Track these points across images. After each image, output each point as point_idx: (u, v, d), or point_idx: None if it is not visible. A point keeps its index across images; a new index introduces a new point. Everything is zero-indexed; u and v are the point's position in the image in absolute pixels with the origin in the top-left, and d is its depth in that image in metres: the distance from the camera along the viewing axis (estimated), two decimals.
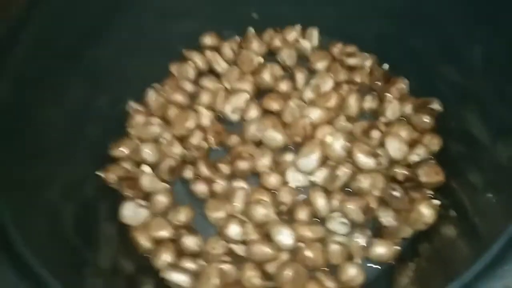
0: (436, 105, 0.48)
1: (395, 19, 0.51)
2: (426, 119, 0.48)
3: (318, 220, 0.47)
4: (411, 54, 0.53)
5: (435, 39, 0.48)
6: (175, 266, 0.44)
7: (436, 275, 0.37)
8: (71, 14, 0.45)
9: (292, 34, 0.57)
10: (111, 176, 0.49)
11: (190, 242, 0.45)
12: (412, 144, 0.48)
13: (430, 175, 0.45)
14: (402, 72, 0.53)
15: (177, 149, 0.51)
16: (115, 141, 0.52)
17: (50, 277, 0.35)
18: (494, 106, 0.42)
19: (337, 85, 0.53)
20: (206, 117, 0.52)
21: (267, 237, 0.45)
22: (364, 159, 0.45)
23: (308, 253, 0.43)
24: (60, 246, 0.42)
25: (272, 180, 0.48)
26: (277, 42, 0.56)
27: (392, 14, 0.51)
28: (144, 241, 0.47)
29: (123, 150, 0.51)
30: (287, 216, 0.46)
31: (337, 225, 0.44)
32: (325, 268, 0.44)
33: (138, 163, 0.52)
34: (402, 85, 0.52)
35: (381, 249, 0.43)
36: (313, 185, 0.47)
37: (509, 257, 0.27)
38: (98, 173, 0.50)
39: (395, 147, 0.46)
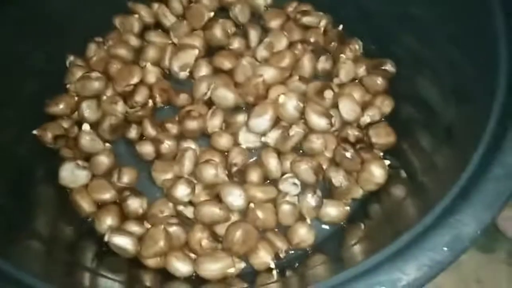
0: (389, 66, 0.48)
1: None
2: (379, 80, 0.48)
3: (269, 182, 0.46)
4: (366, 16, 0.52)
5: (393, 2, 0.48)
6: (119, 230, 0.42)
7: (385, 233, 0.37)
8: None
9: None
10: (48, 135, 0.45)
11: (135, 204, 0.43)
12: (364, 106, 0.47)
13: (381, 136, 0.45)
14: (356, 34, 0.53)
15: (119, 107, 0.47)
16: (52, 98, 0.48)
17: None
18: (445, 70, 0.42)
19: (291, 45, 0.51)
20: (152, 73, 0.49)
21: (217, 199, 0.43)
22: (316, 120, 0.44)
23: (259, 214, 0.42)
24: None
25: (223, 140, 0.46)
26: None
27: None
28: (85, 205, 0.44)
29: (61, 107, 0.47)
30: (238, 178, 0.45)
31: (289, 186, 0.44)
32: (276, 229, 0.43)
33: (78, 122, 0.48)
34: (356, 46, 0.51)
35: (332, 210, 0.43)
36: (265, 146, 0.46)
37: (460, 208, 0.27)
38: (34, 132, 0.45)
39: (347, 108, 0.45)
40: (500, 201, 0.26)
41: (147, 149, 0.46)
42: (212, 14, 0.52)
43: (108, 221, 0.43)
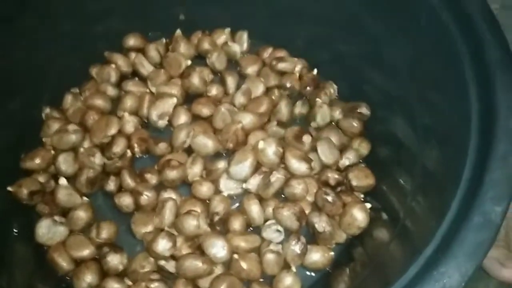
0: (364, 109, 0.49)
1: (324, 23, 0.51)
2: (355, 123, 0.49)
3: (252, 229, 0.45)
4: (340, 59, 0.53)
5: (363, 43, 0.49)
6: None
7: (371, 280, 0.37)
8: None
9: (222, 37, 0.56)
10: (23, 191, 0.44)
11: (115, 261, 0.42)
12: (342, 149, 0.48)
13: (361, 178, 0.45)
14: (331, 76, 0.54)
15: (97, 159, 0.47)
16: (27, 151, 0.47)
17: None
18: (419, 111, 0.43)
19: (268, 90, 0.52)
20: (129, 123, 0.49)
21: (199, 250, 0.43)
22: (296, 164, 0.45)
23: (243, 265, 0.41)
24: None
25: (204, 189, 0.46)
26: (206, 45, 0.54)
27: (321, 20, 0.51)
28: (63, 262, 0.42)
29: (37, 161, 0.46)
30: (221, 226, 0.44)
31: (272, 233, 0.43)
32: (261, 279, 0.42)
33: (54, 176, 0.47)
34: (331, 90, 0.52)
35: (316, 256, 0.43)
36: (246, 192, 0.46)
37: (443, 260, 0.27)
38: (8, 188, 0.44)
39: (326, 152, 0.46)
40: (483, 251, 0.27)
41: (126, 201, 0.45)
42: (189, 62, 0.53)
43: (87, 279, 0.41)
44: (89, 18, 0.51)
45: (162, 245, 0.41)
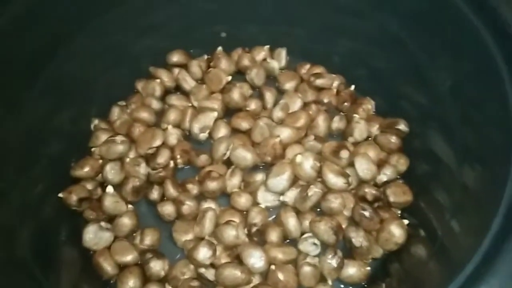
0: (402, 126, 0.49)
1: (362, 41, 0.52)
2: (393, 139, 0.49)
3: (289, 241, 0.46)
4: (378, 75, 0.54)
5: (401, 61, 0.50)
6: None
7: None
8: (32, 23, 0.43)
9: (261, 54, 0.57)
10: (73, 198, 0.46)
11: (157, 267, 0.43)
12: (379, 164, 0.48)
13: (398, 194, 0.46)
14: (368, 93, 0.55)
15: (142, 169, 0.49)
16: (77, 160, 0.50)
17: None
18: (459, 130, 0.43)
19: (305, 105, 0.53)
20: (173, 135, 0.51)
21: (237, 259, 0.44)
22: (333, 179, 0.45)
23: (280, 276, 0.42)
24: (16, 272, 0.39)
25: (242, 200, 0.47)
26: (245, 62, 0.56)
27: (359, 36, 0.52)
28: (108, 267, 0.44)
29: (86, 170, 0.49)
30: (258, 237, 0.45)
31: (308, 246, 0.44)
32: None
33: (101, 184, 0.50)
34: (369, 106, 0.53)
35: (352, 270, 0.43)
36: (283, 205, 0.47)
37: (485, 278, 0.27)
38: (59, 195, 0.47)
39: (363, 167, 0.46)
40: None
41: (168, 209, 0.47)
42: (229, 78, 0.55)
43: (130, 283, 0.43)
44: (136, 35, 0.54)
45: (203, 253, 0.42)
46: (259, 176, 0.48)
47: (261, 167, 0.50)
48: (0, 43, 0.41)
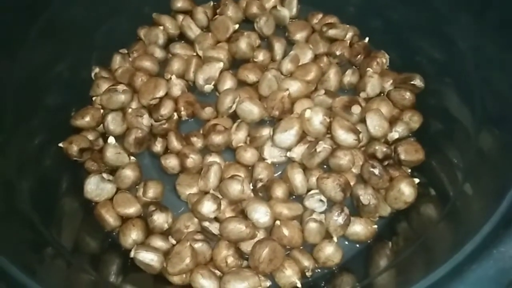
0: (418, 81, 0.47)
1: None
2: (407, 95, 0.47)
3: (295, 198, 0.45)
4: (393, 27, 0.51)
5: (420, 14, 0.47)
6: (144, 245, 0.41)
7: (416, 256, 0.36)
8: None
9: (271, 1, 0.54)
10: (74, 148, 0.45)
11: (161, 220, 0.43)
12: (391, 121, 0.46)
13: (410, 152, 0.44)
14: (382, 46, 0.52)
15: (145, 120, 0.47)
16: (77, 110, 0.48)
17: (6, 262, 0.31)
18: (478, 91, 0.40)
19: (316, 58, 0.51)
20: (177, 86, 0.49)
21: (241, 214, 0.43)
22: (344, 135, 0.43)
23: (285, 232, 0.41)
24: (16, 224, 0.38)
25: (248, 155, 0.45)
26: (254, 9, 0.53)
27: None
28: (110, 219, 0.44)
29: (87, 120, 0.47)
30: (263, 193, 0.44)
31: (315, 202, 0.43)
32: (301, 247, 0.42)
33: (103, 134, 0.48)
34: (383, 59, 0.50)
35: (359, 228, 0.42)
36: (290, 161, 0.45)
37: (504, 239, 0.26)
38: (60, 145, 0.46)
39: (375, 124, 0.45)
40: None
41: (172, 162, 0.46)
42: (237, 26, 0.52)
43: (133, 235, 0.43)
44: None
45: (208, 207, 0.41)
46: (266, 131, 0.46)
47: (268, 122, 0.49)
48: None
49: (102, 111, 0.48)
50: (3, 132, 0.41)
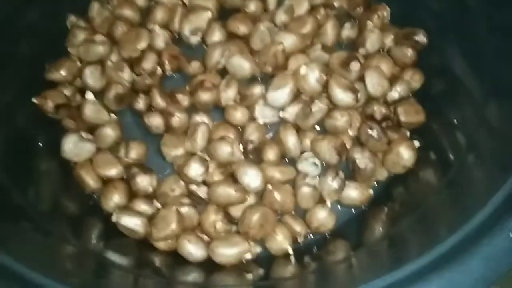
0: (421, 37, 0.43)
1: None
2: (409, 52, 0.44)
3: (287, 160, 0.43)
4: None
5: None
6: (127, 209, 0.39)
7: (414, 224, 0.35)
8: None
9: None
10: (48, 104, 0.42)
11: (144, 182, 0.40)
12: (391, 80, 0.43)
13: (410, 114, 0.42)
14: None
15: (126, 74, 0.44)
16: (52, 62, 0.44)
17: None
18: (491, 60, 0.37)
19: (313, 9, 0.47)
20: (160, 37, 0.45)
21: (231, 177, 0.41)
22: (341, 94, 0.41)
23: (277, 196, 0.39)
24: None
25: (238, 115, 0.43)
26: None
27: None
28: (90, 180, 0.41)
29: (62, 73, 0.43)
30: (254, 155, 0.42)
31: (308, 166, 0.41)
32: (293, 212, 0.41)
33: (80, 89, 0.45)
34: (384, 13, 0.46)
35: (354, 193, 0.40)
36: (283, 121, 0.43)
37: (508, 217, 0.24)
38: (33, 100, 0.42)
39: (374, 82, 0.42)
40: None
41: (156, 121, 0.43)
42: None
43: (115, 198, 0.40)
44: None
45: (195, 169, 0.39)
46: (258, 89, 0.43)
47: (259, 79, 0.45)
48: None
49: (79, 63, 0.44)
50: None
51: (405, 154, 0.39)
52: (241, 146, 0.42)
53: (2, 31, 0.41)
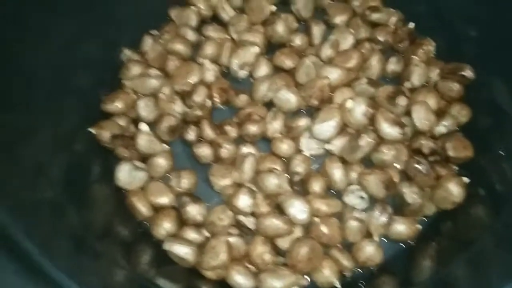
0: (468, 72, 0.44)
1: None
2: (455, 87, 0.44)
3: (334, 193, 0.43)
4: (439, 12, 0.47)
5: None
6: (177, 237, 0.40)
7: (463, 261, 0.34)
8: None
9: None
10: (104, 133, 0.44)
11: (194, 211, 0.41)
12: (439, 114, 0.43)
13: (459, 149, 0.41)
14: (428, 33, 0.48)
15: (178, 106, 0.45)
16: (108, 94, 0.47)
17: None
18: None
19: (358, 43, 0.48)
20: (210, 71, 0.47)
21: (277, 208, 0.41)
22: (388, 129, 0.41)
23: (324, 229, 0.39)
24: (46, 211, 0.37)
25: (285, 146, 0.43)
26: None
27: None
28: (142, 208, 0.43)
29: (117, 105, 0.45)
30: (300, 187, 0.42)
31: (355, 199, 0.41)
32: (339, 245, 0.41)
33: (134, 120, 0.47)
34: (430, 47, 0.47)
35: (402, 227, 0.40)
36: (328, 153, 0.43)
37: None
38: (90, 129, 0.44)
39: (421, 117, 0.42)
40: None
41: (205, 152, 0.44)
42: (274, 8, 0.49)
43: (166, 226, 0.41)
44: None
45: (244, 201, 0.40)
46: (303, 121, 0.44)
47: (304, 111, 0.46)
48: None
49: (133, 95, 0.46)
50: (34, 116, 0.39)
51: (455, 190, 0.39)
52: (287, 178, 0.42)
53: (61, 62, 0.43)
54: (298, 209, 0.40)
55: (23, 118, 0.39)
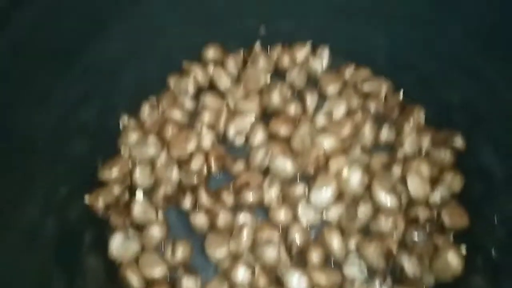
0: (459, 142, 0.45)
1: (415, 46, 0.48)
2: (447, 155, 0.45)
3: (332, 263, 0.43)
4: (426, 80, 0.49)
5: (452, 63, 0.45)
6: None
7: None
8: (64, 11, 0.40)
9: (302, 52, 0.53)
10: (99, 203, 0.43)
11: (190, 284, 0.40)
12: (432, 182, 0.44)
13: (454, 217, 0.42)
14: (416, 100, 0.50)
15: (174, 174, 0.45)
16: (104, 160, 0.47)
17: None
18: None
19: (350, 112, 0.49)
20: (207, 138, 0.47)
21: (275, 279, 0.40)
22: (385, 197, 0.41)
23: None
24: (38, 277, 0.37)
25: (282, 215, 0.43)
26: (285, 61, 0.52)
27: (405, 37, 0.48)
28: (135, 281, 0.41)
29: (114, 172, 0.45)
30: (298, 257, 0.42)
31: (355, 270, 0.40)
32: None
33: (128, 187, 0.46)
34: (420, 114, 0.48)
35: None
36: (326, 222, 0.43)
37: None
38: (85, 200, 0.44)
39: (416, 185, 0.43)
40: None
41: (201, 220, 0.44)
42: (269, 78, 0.50)
43: None
44: (170, 28, 0.50)
45: (241, 274, 0.39)
46: (300, 188, 0.44)
47: (299, 179, 0.46)
48: (33, 33, 0.38)
49: (129, 162, 0.46)
50: (30, 180, 0.39)
51: (454, 261, 0.39)
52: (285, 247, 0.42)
53: (60, 127, 0.43)
54: (297, 282, 0.39)
55: (16, 182, 0.38)
